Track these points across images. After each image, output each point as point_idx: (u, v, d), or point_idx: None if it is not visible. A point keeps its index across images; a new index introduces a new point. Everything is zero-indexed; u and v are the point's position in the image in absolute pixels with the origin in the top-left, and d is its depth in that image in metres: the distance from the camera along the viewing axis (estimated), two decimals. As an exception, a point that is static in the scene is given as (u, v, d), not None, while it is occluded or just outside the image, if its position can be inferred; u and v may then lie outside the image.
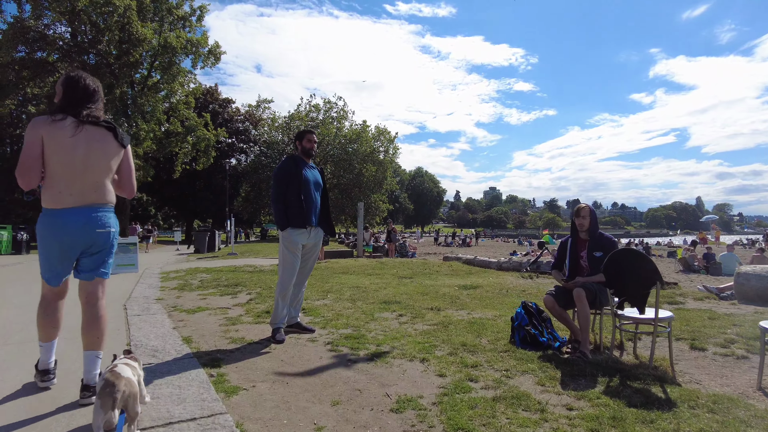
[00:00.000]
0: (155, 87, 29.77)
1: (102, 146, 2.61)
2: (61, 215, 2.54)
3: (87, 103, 2.63)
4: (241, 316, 4.97)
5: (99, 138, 2.61)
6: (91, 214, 2.60)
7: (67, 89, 2.63)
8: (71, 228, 2.55)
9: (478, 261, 13.36)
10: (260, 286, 7.66)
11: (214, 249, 20.50)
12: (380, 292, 7.09)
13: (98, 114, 2.66)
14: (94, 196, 2.61)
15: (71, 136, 2.51)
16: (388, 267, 11.40)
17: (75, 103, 2.60)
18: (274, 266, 11.51)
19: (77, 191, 2.56)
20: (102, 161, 2.61)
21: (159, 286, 7.92)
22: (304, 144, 4.30)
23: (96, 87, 2.72)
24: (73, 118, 2.55)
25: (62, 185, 2.53)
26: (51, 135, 2.49)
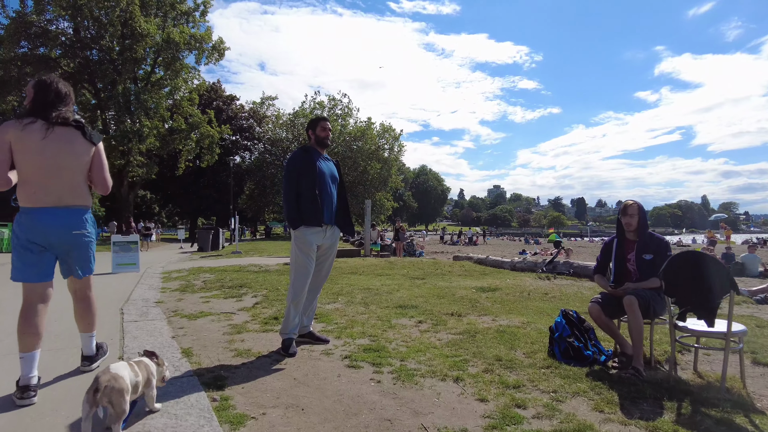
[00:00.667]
0: (158, 83, 29.41)
1: (71, 146, 2.67)
2: (38, 214, 2.60)
3: (55, 105, 2.67)
4: (246, 323, 4.54)
5: (68, 138, 2.67)
6: (67, 215, 2.68)
7: (38, 92, 2.68)
8: (48, 227, 2.61)
9: (491, 261, 12.90)
10: (266, 287, 7.24)
11: (218, 247, 20.14)
12: (393, 295, 6.65)
13: (67, 115, 2.71)
14: (70, 198, 2.68)
15: (42, 138, 2.56)
16: (397, 267, 10.96)
17: (45, 106, 2.65)
18: (280, 265, 11.09)
19: (53, 192, 2.62)
20: (73, 160, 2.68)
21: (160, 287, 7.52)
22: (317, 133, 3.85)
23: (67, 91, 2.77)
24: (43, 121, 2.60)
25: (36, 186, 2.59)
26: (19, 139, 2.53)
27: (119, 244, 10.39)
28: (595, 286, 8.30)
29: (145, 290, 7.04)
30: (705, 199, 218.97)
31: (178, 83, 30.20)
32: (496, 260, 12.89)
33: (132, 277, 8.94)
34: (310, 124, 3.96)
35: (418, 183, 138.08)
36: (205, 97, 40.54)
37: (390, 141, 49.85)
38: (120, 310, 5.16)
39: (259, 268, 10.59)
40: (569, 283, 8.64)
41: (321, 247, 3.78)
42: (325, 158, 3.88)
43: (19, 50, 26.58)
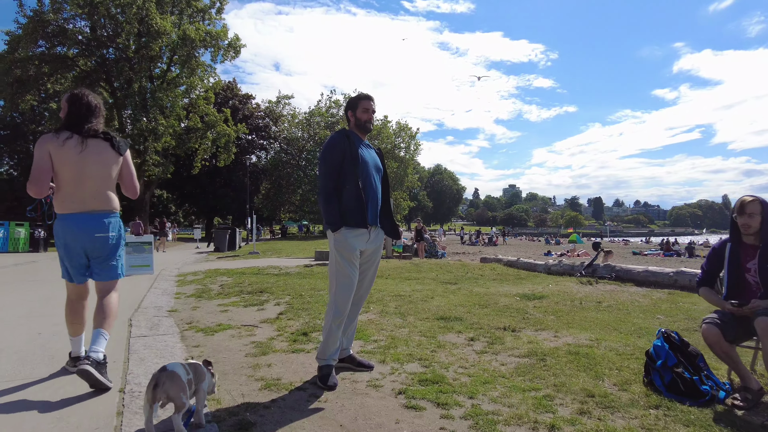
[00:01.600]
0: (174, 81, 29.08)
1: (101, 157, 2.88)
2: (67, 219, 2.84)
3: (89, 119, 2.90)
4: (272, 340, 3.89)
5: (99, 150, 2.88)
6: (90, 219, 2.86)
7: (71, 106, 2.90)
8: (73, 231, 2.83)
9: (522, 263, 12.14)
10: (288, 293, 6.62)
11: (234, 247, 19.67)
12: (429, 303, 5.97)
13: (98, 127, 2.93)
14: (95, 204, 2.87)
15: (79, 153, 2.80)
16: (425, 270, 10.28)
17: (78, 120, 2.87)
18: (300, 267, 10.49)
19: (78, 199, 2.82)
20: (102, 170, 2.88)
21: (174, 292, 6.94)
22: (358, 115, 3.17)
23: (97, 103, 2.98)
24: (78, 135, 2.83)
25: (67, 194, 2.82)
26: (58, 151, 2.77)
27: (132, 245, 9.87)
28: (651, 293, 7.54)
29: (158, 296, 6.46)
30: (726, 198, 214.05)
31: (194, 81, 29.87)
32: (528, 263, 12.11)
33: (145, 280, 8.40)
34: (350, 103, 3.26)
35: (433, 182, 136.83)
36: (221, 96, 40.27)
37: (406, 140, 49.15)
38: (128, 321, 4.57)
39: (279, 270, 10.00)
40: (615, 289, 7.88)
41: (364, 253, 3.11)
42: (366, 145, 3.22)
43: (36, 49, 26.47)
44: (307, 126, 46.71)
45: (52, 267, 11.06)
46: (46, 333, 4.05)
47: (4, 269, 10.65)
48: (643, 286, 8.46)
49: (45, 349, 3.51)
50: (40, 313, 5.09)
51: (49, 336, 3.93)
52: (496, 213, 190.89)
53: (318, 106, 47.73)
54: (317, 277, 8.79)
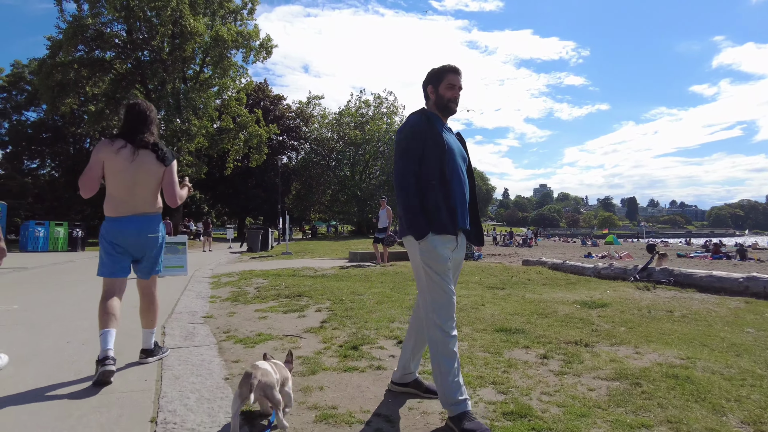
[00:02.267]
0: (207, 82, 29.32)
1: (150, 167, 3.07)
2: (119, 222, 3.04)
3: (142, 130, 3.09)
4: (319, 355, 3.47)
5: (148, 160, 3.06)
6: (142, 222, 3.08)
7: (127, 115, 3.13)
8: (127, 233, 3.04)
9: (569, 266, 11.45)
10: (328, 297, 6.22)
11: (267, 248, 19.54)
12: (482, 312, 5.47)
13: (149, 139, 3.10)
14: (145, 207, 3.10)
15: (130, 162, 3.00)
16: (466, 273, 9.74)
17: (133, 130, 3.07)
18: (336, 269, 10.12)
19: (131, 203, 3.04)
20: (150, 179, 3.09)
21: (209, 295, 6.64)
22: (441, 91, 2.54)
23: (151, 115, 3.17)
24: (131, 145, 3.02)
25: (118, 200, 3.03)
26: (111, 160, 2.98)
27: (167, 246, 9.69)
28: (724, 301, 6.78)
29: (192, 299, 6.16)
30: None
31: (226, 82, 30.05)
32: (575, 266, 11.41)
33: (179, 282, 8.16)
34: (431, 76, 2.58)
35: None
36: (252, 97, 40.55)
37: (437, 139, 48.44)
38: (162, 328, 4.24)
39: (315, 272, 9.65)
40: (679, 296, 7.17)
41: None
42: (448, 130, 2.62)
43: (76, 54, 27.09)
44: (337, 126, 46.63)
45: (89, 267, 11.04)
46: (75, 341, 3.75)
47: (43, 269, 10.66)
48: (707, 292, 7.71)
49: (71, 362, 3.19)
50: (72, 318, 4.83)
51: (78, 345, 3.62)
52: (526, 213, 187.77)
53: (347, 107, 47.62)
54: (354, 280, 8.38)
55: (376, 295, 6.45)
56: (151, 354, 3.25)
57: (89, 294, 6.65)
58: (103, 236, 3.07)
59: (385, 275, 9.10)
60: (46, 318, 4.84)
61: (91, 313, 3.25)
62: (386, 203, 12.18)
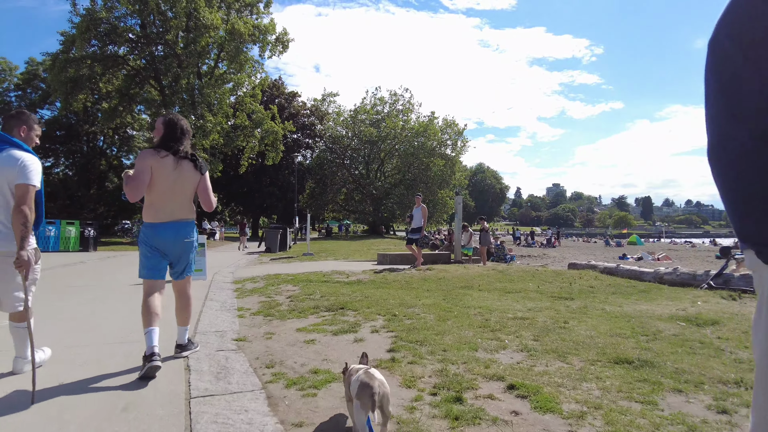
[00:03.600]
0: (222, 78, 28.52)
1: (189, 176, 3.34)
2: (157, 228, 3.26)
3: (181, 141, 3.34)
4: (413, 411, 2.42)
5: (187, 169, 3.33)
6: (179, 227, 3.33)
7: (167, 129, 3.33)
8: (164, 237, 3.27)
9: (625, 271, 10.34)
10: (377, 310, 5.23)
11: (285, 248, 18.65)
12: (574, 333, 4.43)
13: (188, 149, 3.38)
14: (181, 214, 3.34)
15: (173, 170, 3.25)
16: (516, 279, 8.70)
17: (173, 141, 3.30)
18: (368, 273, 9.13)
19: (169, 210, 3.28)
20: (188, 187, 3.36)
21: (235, 306, 5.69)
22: None
23: (187, 127, 3.43)
24: (173, 156, 3.26)
25: (158, 207, 3.26)
26: (158, 167, 3.21)
27: (184, 247, 8.80)
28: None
29: (217, 313, 5.21)
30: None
31: (241, 78, 29.25)
32: (631, 270, 10.30)
33: (199, 289, 7.24)
34: None
35: (476, 181, 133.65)
36: (267, 94, 39.73)
37: (453, 136, 47.35)
38: (185, 362, 3.29)
39: (347, 276, 8.67)
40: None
41: None
42: None
43: (89, 49, 26.48)
44: (352, 124, 45.71)
45: (101, 269, 10.16)
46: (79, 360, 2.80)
47: (53, 270, 9.80)
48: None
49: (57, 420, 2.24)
50: (78, 333, 3.89)
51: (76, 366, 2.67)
52: (540, 213, 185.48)
53: (363, 104, 46.68)
54: (396, 287, 7.39)
55: (431, 308, 5.45)
56: (186, 348, 3.50)
57: (98, 306, 5.73)
58: (142, 241, 3.28)
59: (427, 281, 8.10)
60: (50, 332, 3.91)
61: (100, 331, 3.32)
62: (421, 201, 11.17)
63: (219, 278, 8.99)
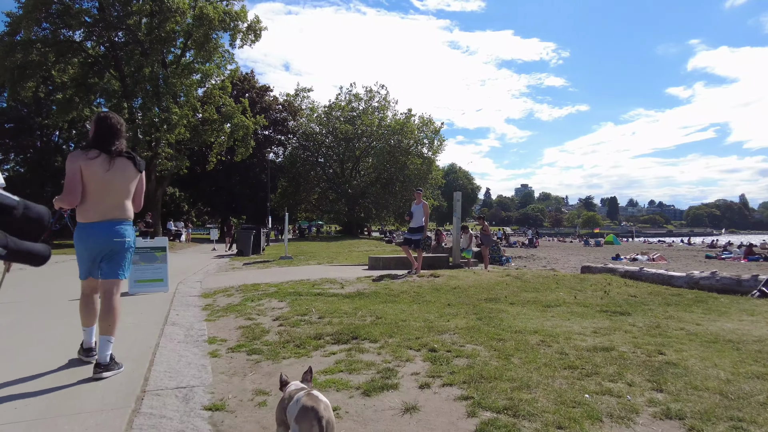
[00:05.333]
0: (189, 67, 26.45)
1: (125, 174, 3.21)
2: (89, 228, 3.16)
3: (114, 140, 3.19)
4: None
5: (123, 168, 3.20)
6: (111, 227, 3.19)
7: (97, 128, 3.23)
8: (96, 237, 3.16)
9: (650, 275, 9.23)
10: (405, 342, 3.81)
11: (259, 250, 16.97)
12: (696, 374, 3.13)
13: (122, 147, 3.24)
14: (115, 213, 3.20)
15: (106, 171, 3.11)
16: (540, 288, 7.42)
17: (105, 140, 3.18)
18: (367, 282, 7.68)
19: (101, 210, 3.16)
20: (124, 186, 3.23)
21: (205, 336, 4.16)
22: None
23: (120, 125, 3.28)
24: (105, 154, 3.13)
25: (90, 205, 3.14)
26: (88, 167, 3.08)
27: (140, 252, 7.14)
28: None
29: (180, 349, 3.69)
30: (744, 198, 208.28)
31: (210, 69, 27.25)
32: (657, 274, 9.20)
33: (157, 305, 5.65)
34: None
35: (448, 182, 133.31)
36: (237, 87, 37.65)
37: (429, 135, 46.24)
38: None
39: (341, 286, 7.21)
40: None
41: None
42: None
43: (40, 33, 24.04)
44: (326, 121, 44.03)
45: (42, 277, 8.32)
46: None
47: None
48: None
49: None
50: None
51: None
52: (510, 213, 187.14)
53: (337, 100, 45.04)
54: (407, 301, 5.98)
55: (473, 335, 4.07)
56: (107, 369, 3.06)
57: (23, 318, 4.10)
58: (76, 241, 3.20)
59: (441, 292, 6.71)
60: None
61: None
62: (422, 196, 9.78)
63: (184, 289, 7.39)
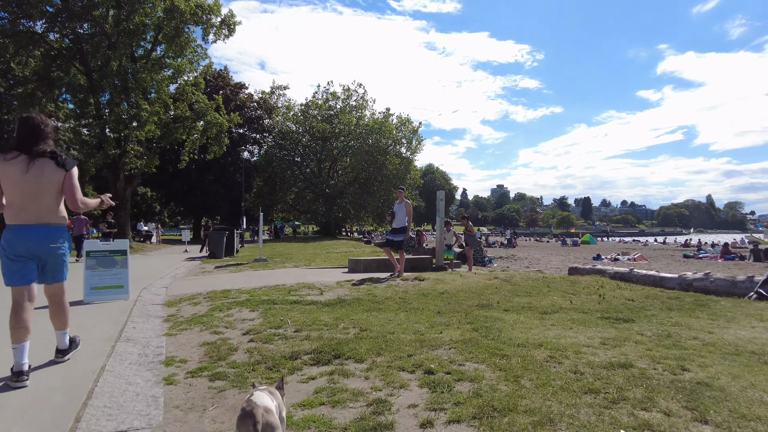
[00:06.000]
0: (159, 62, 25.33)
1: (49, 176, 3.11)
2: (20, 230, 3.06)
3: (37, 141, 3.11)
4: None
5: (47, 168, 3.10)
6: (45, 231, 3.14)
7: (19, 128, 3.16)
8: (29, 240, 3.07)
9: (641, 276, 8.94)
10: (395, 359, 3.29)
11: (232, 252, 16.22)
12: (735, 399, 2.71)
13: (45, 148, 3.13)
14: (48, 217, 3.15)
15: (24, 172, 3.01)
16: (532, 291, 7.01)
17: (27, 141, 3.10)
18: (347, 287, 7.14)
19: (33, 212, 3.08)
20: (51, 187, 3.13)
21: (162, 358, 3.56)
22: None
23: (45, 125, 3.21)
24: (25, 155, 3.05)
25: (18, 208, 3.06)
26: (5, 171, 3.01)
27: (96, 256, 6.44)
28: None
29: (129, 372, 3.10)
30: (710, 198, 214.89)
31: (182, 65, 26.17)
32: (648, 276, 8.92)
33: (113, 317, 5.00)
34: None
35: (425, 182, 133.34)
36: (211, 84, 36.57)
37: (407, 135, 45.87)
38: None
39: (321, 292, 6.65)
40: None
41: None
42: None
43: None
44: (303, 119, 43.18)
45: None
46: None
47: None
48: None
49: None
50: None
51: None
52: (486, 213, 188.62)
53: (314, 98, 44.23)
54: (393, 309, 5.46)
55: (472, 350, 3.58)
56: (67, 351, 3.39)
57: None
58: (2, 245, 3.07)
59: (428, 298, 6.22)
60: None
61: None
62: (404, 195, 9.28)
63: (147, 296, 6.71)
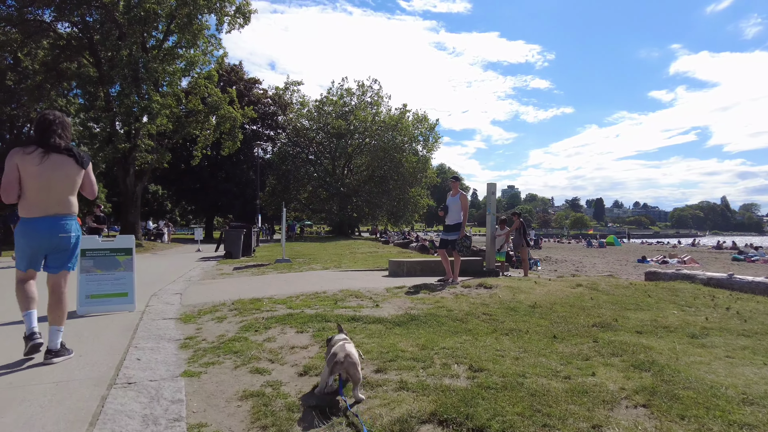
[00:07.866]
0: (171, 52, 24.11)
1: (64, 170, 3.30)
2: (31, 223, 3.26)
3: (53, 135, 3.29)
4: None
5: (61, 164, 3.29)
6: (55, 222, 3.29)
7: (37, 124, 3.38)
8: (38, 233, 3.26)
9: (745, 283, 7.46)
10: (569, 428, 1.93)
11: (250, 252, 14.94)
12: None
13: (60, 143, 3.32)
14: (58, 208, 3.30)
15: (37, 165, 3.20)
16: (642, 305, 5.59)
17: (42, 135, 3.29)
18: (399, 294, 5.76)
19: (43, 205, 3.25)
20: (67, 181, 3.32)
21: (183, 423, 2.21)
22: None
23: (60, 121, 3.39)
24: (41, 149, 3.23)
25: (31, 202, 3.24)
26: (23, 163, 3.20)
27: (94, 255, 5.13)
28: None
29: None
30: (725, 200, 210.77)
31: (195, 56, 24.95)
32: (756, 282, 7.43)
33: (109, 340, 3.68)
34: None
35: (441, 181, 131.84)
36: (224, 78, 35.44)
37: (424, 132, 44.43)
38: None
39: (374, 303, 5.28)
40: None
41: None
42: None
43: (4, 10, 21.74)
44: (317, 116, 41.89)
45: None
46: None
47: None
48: None
49: None
50: None
51: None
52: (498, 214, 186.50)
53: (329, 95, 42.91)
54: (487, 331, 4.08)
55: (668, 408, 2.21)
56: (57, 354, 3.29)
57: None
58: (18, 236, 3.28)
59: (515, 312, 4.83)
60: None
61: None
62: (459, 187, 7.84)
63: (157, 306, 5.39)
